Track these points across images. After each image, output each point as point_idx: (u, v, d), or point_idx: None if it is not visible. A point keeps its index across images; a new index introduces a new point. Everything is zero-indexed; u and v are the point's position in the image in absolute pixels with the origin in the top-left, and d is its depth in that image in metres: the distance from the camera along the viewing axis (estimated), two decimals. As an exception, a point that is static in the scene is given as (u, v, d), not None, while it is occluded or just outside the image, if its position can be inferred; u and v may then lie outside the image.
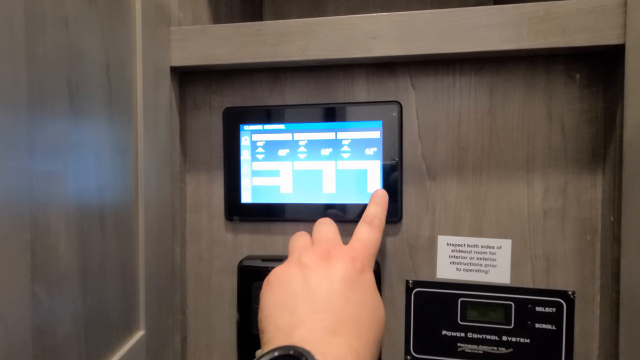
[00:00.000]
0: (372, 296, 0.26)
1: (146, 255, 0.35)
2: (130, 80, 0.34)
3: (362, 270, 0.26)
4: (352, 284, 0.25)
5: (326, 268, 0.25)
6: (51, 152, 0.24)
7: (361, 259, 0.27)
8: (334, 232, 0.29)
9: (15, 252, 0.21)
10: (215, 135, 0.45)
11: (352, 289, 0.25)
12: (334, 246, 0.27)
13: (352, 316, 0.23)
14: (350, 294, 0.24)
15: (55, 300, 0.24)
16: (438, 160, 0.41)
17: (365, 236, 0.29)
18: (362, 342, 0.23)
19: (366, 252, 0.28)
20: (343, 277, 0.25)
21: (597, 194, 0.39)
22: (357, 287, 0.25)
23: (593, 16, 0.33)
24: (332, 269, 0.25)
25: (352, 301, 0.24)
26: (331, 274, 0.25)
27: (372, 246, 0.29)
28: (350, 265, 0.26)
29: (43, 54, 0.24)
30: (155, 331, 0.37)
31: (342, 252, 0.27)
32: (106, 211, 0.30)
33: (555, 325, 0.39)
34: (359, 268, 0.26)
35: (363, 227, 0.30)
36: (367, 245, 0.29)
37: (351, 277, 0.25)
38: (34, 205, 0.23)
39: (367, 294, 0.25)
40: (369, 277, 0.26)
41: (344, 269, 0.25)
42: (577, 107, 0.39)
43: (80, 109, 0.27)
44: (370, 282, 0.26)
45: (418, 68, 0.41)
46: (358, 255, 0.27)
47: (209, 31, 0.39)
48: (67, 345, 0.26)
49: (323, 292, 0.24)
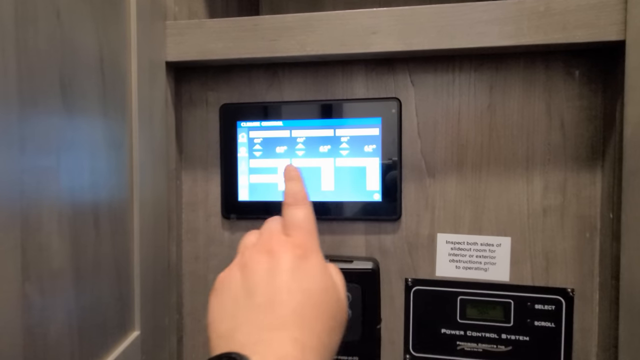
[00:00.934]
0: (319, 280, 0.24)
1: (141, 254, 0.34)
2: (124, 75, 0.33)
3: (305, 256, 0.25)
4: (294, 273, 0.24)
5: (267, 262, 0.25)
6: (43, 148, 0.24)
7: (301, 244, 0.25)
8: (279, 226, 0.28)
9: (5, 250, 0.20)
10: (212, 132, 0.44)
11: (295, 279, 0.24)
12: (276, 239, 0.26)
13: (295, 308, 0.22)
14: (292, 284, 0.23)
15: (47, 300, 0.24)
16: (437, 158, 0.41)
17: (295, 218, 0.28)
18: (308, 332, 0.22)
19: (306, 235, 0.27)
20: (284, 268, 0.24)
21: (596, 191, 0.39)
22: (300, 276, 0.24)
23: (593, 12, 0.33)
24: (274, 262, 0.25)
25: (294, 291, 0.23)
26: (272, 267, 0.24)
27: (306, 225, 0.27)
28: (291, 254, 0.25)
29: (34, 46, 0.23)
30: (151, 331, 0.36)
31: (282, 242, 0.26)
32: (100, 209, 0.29)
33: (554, 323, 0.39)
34: (300, 255, 0.25)
35: (290, 210, 0.28)
36: (302, 227, 0.27)
37: (293, 266, 0.24)
38: (25, 201, 0.22)
39: (312, 279, 0.24)
40: (314, 260, 0.25)
41: (284, 260, 0.24)
42: (577, 104, 0.39)
43: (73, 104, 0.26)
44: (316, 265, 0.25)
45: (417, 64, 0.41)
46: (298, 241, 0.26)
47: (205, 26, 0.39)
48: (60, 346, 0.25)
49: (263, 288, 0.23)
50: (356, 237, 0.42)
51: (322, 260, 0.26)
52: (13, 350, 0.21)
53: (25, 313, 0.21)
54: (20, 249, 0.21)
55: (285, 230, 0.28)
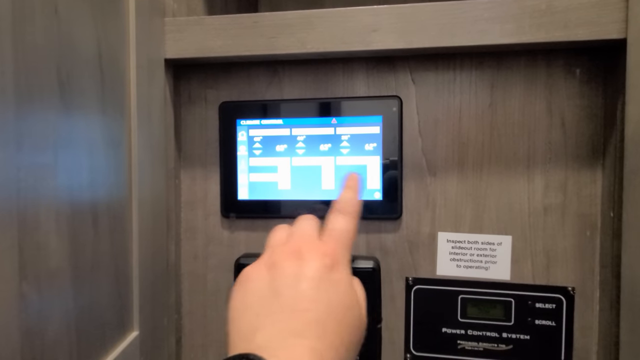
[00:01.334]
0: (343, 295, 0.24)
1: (140, 253, 0.34)
2: (123, 71, 0.33)
3: (333, 267, 0.24)
4: (320, 283, 0.23)
5: (295, 266, 0.24)
6: (40, 145, 0.23)
7: (331, 254, 0.25)
8: (312, 228, 0.27)
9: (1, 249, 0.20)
10: (211, 130, 0.44)
11: (321, 288, 0.23)
12: (307, 242, 0.26)
13: (318, 317, 0.22)
14: (318, 293, 0.23)
15: (45, 300, 0.23)
16: (438, 156, 0.41)
17: (338, 226, 0.27)
18: (327, 344, 0.21)
19: (338, 245, 0.26)
20: (311, 275, 0.24)
21: (596, 190, 0.39)
22: (326, 286, 0.23)
23: (595, 10, 0.33)
24: (301, 267, 0.24)
25: (318, 301, 0.23)
26: (299, 272, 0.24)
27: (345, 237, 0.27)
28: (319, 263, 0.24)
29: (31, 41, 0.22)
30: (150, 331, 0.36)
31: (313, 247, 0.25)
32: (99, 208, 0.29)
33: (555, 322, 0.39)
34: (328, 265, 0.24)
35: (335, 217, 0.28)
36: (340, 238, 0.27)
37: (320, 275, 0.24)
38: (22, 200, 0.21)
39: (337, 293, 0.24)
40: (342, 274, 0.25)
41: (313, 267, 0.24)
42: (577, 103, 0.39)
43: (71, 101, 0.26)
44: (343, 279, 0.25)
45: (418, 62, 0.41)
46: (329, 250, 0.25)
47: (204, 23, 0.38)
48: (58, 347, 0.24)
49: (288, 291, 0.23)
50: (357, 236, 0.42)
51: (349, 275, 0.25)
52: (11, 351, 0.20)
53: (22, 313, 0.21)
54: (17, 248, 0.21)
55: (321, 233, 0.27)
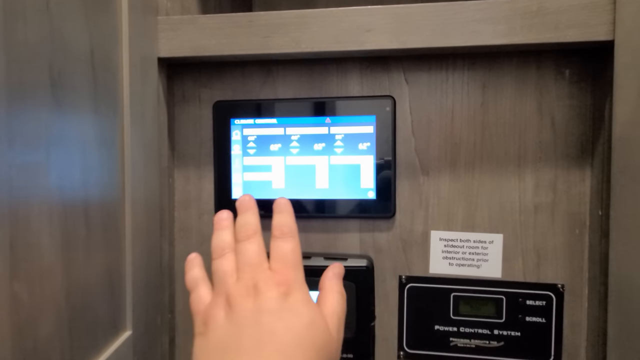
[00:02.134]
0: (304, 315, 0.25)
1: (133, 252, 0.34)
2: (116, 70, 0.32)
3: (288, 292, 0.25)
4: (279, 313, 0.24)
5: (252, 303, 0.25)
6: (32, 143, 0.23)
7: (285, 281, 0.26)
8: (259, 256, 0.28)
9: (-7, 249, 0.20)
10: (205, 129, 0.44)
11: (280, 318, 0.24)
12: (259, 274, 0.26)
13: (281, 348, 0.23)
14: (277, 324, 0.24)
15: (37, 299, 0.23)
16: (431, 156, 0.41)
17: (281, 252, 0.28)
18: None
19: (289, 269, 0.27)
20: (268, 308, 0.24)
21: (585, 189, 0.39)
22: (284, 314, 0.24)
23: (585, 12, 0.34)
24: (259, 302, 0.25)
25: (278, 331, 0.23)
26: (258, 308, 0.25)
27: (291, 259, 0.28)
28: (275, 293, 0.25)
29: (23, 37, 0.22)
30: (143, 331, 0.35)
31: (266, 279, 0.26)
32: (91, 207, 0.29)
33: (545, 318, 0.40)
34: (284, 291, 0.25)
35: (276, 244, 0.28)
36: (287, 261, 0.27)
37: (277, 306, 0.25)
38: (14, 198, 0.21)
39: (296, 316, 0.24)
40: (298, 296, 0.25)
41: (270, 299, 0.25)
42: (567, 103, 0.39)
43: (63, 98, 0.26)
44: (300, 301, 0.25)
45: (411, 63, 0.41)
46: (282, 277, 0.26)
47: (198, 21, 0.38)
48: (50, 347, 0.24)
49: (249, 331, 0.24)
50: (350, 235, 0.42)
51: (306, 295, 0.26)
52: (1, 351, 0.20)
53: (13, 312, 0.21)
54: (8, 247, 0.20)
55: (270, 262, 0.27)
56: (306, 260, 0.41)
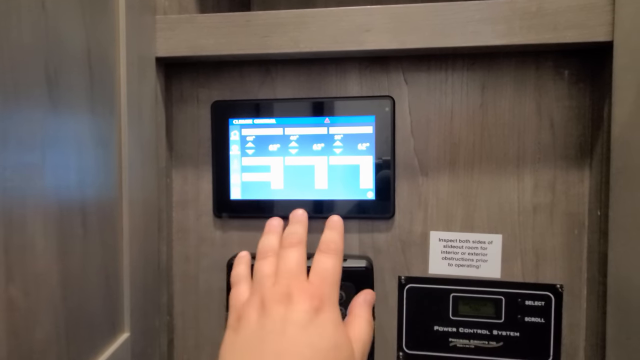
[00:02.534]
0: (330, 337, 0.25)
1: (131, 254, 0.33)
2: (113, 69, 0.32)
3: (320, 309, 0.25)
4: (307, 328, 0.24)
5: (283, 310, 0.25)
6: (27, 144, 0.23)
7: (319, 296, 0.26)
8: (300, 266, 0.28)
9: (-11, 251, 0.19)
10: (203, 129, 0.43)
11: (307, 333, 0.24)
12: (295, 283, 0.26)
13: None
14: (302, 338, 0.24)
15: (33, 302, 0.23)
16: (430, 156, 0.41)
17: (323, 266, 0.28)
18: None
19: (326, 285, 0.27)
20: (299, 320, 0.24)
21: (584, 189, 0.39)
22: (311, 330, 0.24)
23: (583, 13, 0.34)
24: (289, 311, 0.25)
25: (302, 345, 0.23)
26: (287, 317, 0.25)
27: (331, 276, 0.28)
28: (307, 305, 0.25)
29: (17, 36, 0.22)
30: (141, 333, 0.35)
31: (302, 289, 0.26)
32: (88, 208, 0.28)
33: (544, 319, 0.40)
34: (316, 307, 0.25)
35: (319, 257, 0.29)
36: (327, 277, 0.27)
37: (308, 318, 0.25)
38: (8, 200, 0.21)
39: (324, 336, 0.24)
40: (329, 315, 0.25)
41: (301, 310, 0.25)
42: (566, 104, 0.39)
43: (59, 98, 0.25)
44: (330, 320, 0.25)
45: (411, 63, 0.41)
46: (317, 291, 0.26)
47: (196, 21, 0.38)
48: (47, 350, 0.24)
49: (275, 337, 0.24)
50: (349, 236, 0.42)
51: (337, 316, 0.26)
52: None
53: (9, 315, 0.21)
54: (3, 249, 0.20)
55: (310, 274, 0.28)
56: (305, 261, 0.41)
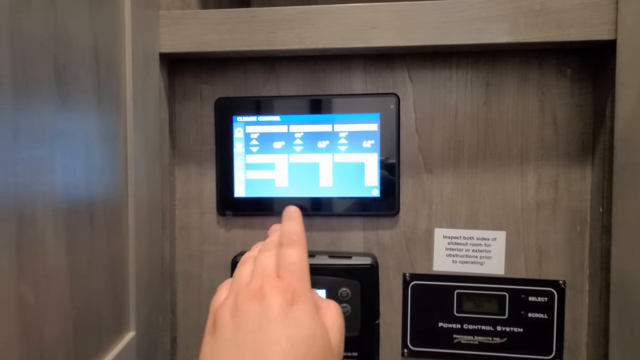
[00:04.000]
0: (307, 327, 0.25)
1: (136, 251, 0.33)
2: (119, 65, 0.32)
3: (293, 301, 0.25)
4: (283, 322, 0.24)
5: (257, 308, 0.25)
6: (37, 139, 0.22)
7: (291, 289, 0.26)
8: (270, 264, 0.28)
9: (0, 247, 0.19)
10: (206, 126, 0.43)
11: (283, 327, 0.24)
12: (267, 280, 0.27)
13: (281, 357, 0.23)
14: (279, 333, 0.24)
15: (43, 300, 0.22)
16: (435, 153, 0.41)
17: (288, 260, 0.28)
18: None
19: (295, 278, 0.27)
20: (272, 316, 0.24)
21: (586, 186, 0.40)
22: (287, 322, 0.24)
23: (587, 11, 0.34)
24: (263, 308, 0.25)
25: (281, 341, 0.23)
26: (261, 314, 0.25)
27: (298, 268, 0.28)
28: (280, 300, 0.25)
29: (28, 30, 0.21)
30: (146, 332, 0.35)
31: (273, 285, 0.26)
32: (95, 204, 0.28)
33: (547, 314, 0.40)
34: (289, 300, 0.25)
35: (283, 251, 0.29)
36: (294, 270, 0.27)
37: (283, 313, 0.25)
38: (20, 195, 0.20)
39: (301, 327, 0.24)
40: (302, 306, 0.25)
41: (273, 306, 0.25)
42: (569, 102, 0.40)
43: (67, 93, 0.25)
44: (304, 311, 0.25)
45: (415, 60, 0.41)
46: (287, 285, 0.26)
47: (201, 16, 0.38)
48: (55, 348, 0.24)
49: (251, 338, 0.24)
50: (354, 233, 0.42)
51: (311, 306, 0.26)
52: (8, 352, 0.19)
53: (20, 314, 0.20)
54: (15, 245, 0.20)
55: (277, 270, 0.28)
56: (310, 258, 0.41)
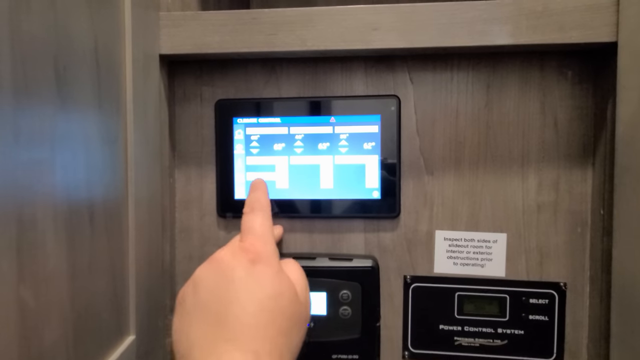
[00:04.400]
0: (270, 285, 0.25)
1: (137, 254, 0.33)
2: (119, 66, 0.31)
3: (256, 260, 0.25)
4: (244, 282, 0.24)
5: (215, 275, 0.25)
6: (38, 140, 0.22)
7: (252, 250, 0.26)
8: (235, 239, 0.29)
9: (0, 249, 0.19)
10: (207, 128, 0.43)
11: (245, 288, 0.24)
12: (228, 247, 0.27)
13: (247, 319, 0.23)
14: (242, 295, 0.24)
15: (43, 304, 0.22)
16: (436, 155, 0.41)
17: (250, 225, 0.28)
18: (260, 340, 0.22)
19: (256, 240, 0.27)
20: (233, 278, 0.24)
21: (587, 188, 0.40)
22: (250, 283, 0.24)
23: (589, 14, 0.34)
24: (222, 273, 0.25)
25: (244, 302, 0.23)
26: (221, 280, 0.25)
27: (260, 232, 0.28)
28: (241, 260, 0.25)
29: (28, 30, 0.21)
30: (146, 335, 0.34)
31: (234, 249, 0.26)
32: (95, 207, 0.28)
33: (547, 316, 0.40)
34: (251, 259, 0.25)
35: (246, 217, 0.29)
36: (256, 234, 0.28)
37: (243, 273, 0.25)
38: (20, 197, 0.20)
39: (263, 286, 0.24)
40: (265, 264, 0.26)
41: (234, 268, 0.25)
42: (569, 104, 0.40)
43: (68, 94, 0.25)
44: (268, 270, 0.25)
45: (416, 62, 0.41)
46: (249, 246, 0.26)
47: (201, 18, 0.37)
48: (55, 352, 0.23)
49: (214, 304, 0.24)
50: (355, 235, 0.42)
51: (274, 264, 0.26)
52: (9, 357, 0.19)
53: (20, 317, 0.20)
54: (15, 248, 0.20)
55: (240, 237, 0.28)
56: (311, 261, 0.41)
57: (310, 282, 0.40)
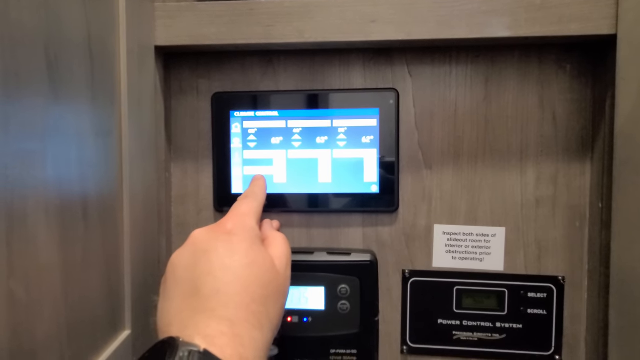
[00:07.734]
0: (244, 255, 0.25)
1: (132, 249, 0.32)
2: (113, 57, 0.31)
3: (230, 233, 0.26)
4: (216, 252, 0.25)
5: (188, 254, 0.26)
6: (28, 131, 0.21)
7: (226, 225, 0.27)
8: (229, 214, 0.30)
9: (-11, 243, 0.18)
10: (203, 121, 0.42)
11: (216, 259, 0.25)
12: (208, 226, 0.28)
13: (219, 287, 0.23)
14: (214, 265, 0.24)
15: (34, 298, 0.22)
16: (434, 149, 0.41)
17: (235, 206, 0.30)
18: (233, 307, 0.23)
19: (236, 217, 0.28)
20: (206, 249, 0.25)
21: (585, 182, 0.40)
22: (222, 254, 0.25)
23: (588, 6, 0.34)
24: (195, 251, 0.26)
25: (216, 271, 0.24)
26: (193, 256, 0.25)
27: (241, 211, 0.29)
28: (216, 234, 0.26)
29: (17, 18, 0.21)
30: (142, 330, 0.34)
31: (208, 230, 0.27)
32: (89, 201, 0.27)
33: (546, 310, 0.40)
34: (227, 231, 0.26)
35: (235, 203, 0.31)
36: (237, 213, 0.29)
37: (216, 245, 0.25)
38: (10, 189, 0.20)
39: (236, 255, 0.25)
40: (240, 237, 0.26)
41: (210, 241, 0.26)
42: (568, 97, 0.40)
43: (59, 84, 0.24)
44: (242, 241, 0.26)
45: (415, 55, 0.41)
46: (227, 222, 0.27)
47: (197, 9, 0.37)
48: (48, 348, 0.23)
49: (187, 278, 0.25)
50: (353, 230, 0.42)
51: (250, 236, 0.27)
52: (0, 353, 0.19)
53: (10, 312, 0.19)
54: (5, 242, 0.19)
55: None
56: (309, 255, 0.40)
57: (308, 277, 0.40)
